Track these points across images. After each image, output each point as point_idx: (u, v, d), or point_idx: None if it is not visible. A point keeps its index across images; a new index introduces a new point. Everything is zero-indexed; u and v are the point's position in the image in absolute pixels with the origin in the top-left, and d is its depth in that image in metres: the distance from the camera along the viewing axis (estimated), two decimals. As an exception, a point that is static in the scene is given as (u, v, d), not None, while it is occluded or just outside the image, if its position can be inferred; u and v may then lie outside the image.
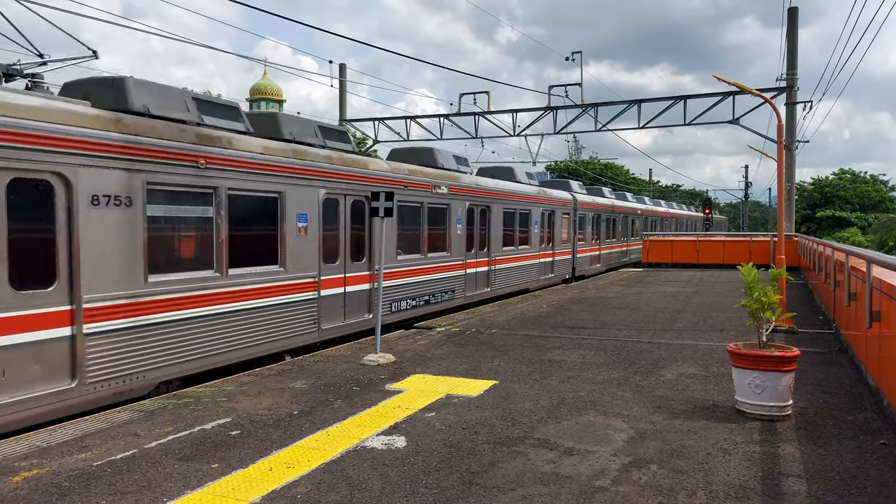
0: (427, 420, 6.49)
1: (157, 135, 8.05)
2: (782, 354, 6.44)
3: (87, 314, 7.12)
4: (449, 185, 15.28)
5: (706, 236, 31.08)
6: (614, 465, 5.25)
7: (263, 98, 65.58)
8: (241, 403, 7.13)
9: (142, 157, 7.80)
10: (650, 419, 6.50)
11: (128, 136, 7.67)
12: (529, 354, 9.78)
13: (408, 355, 9.76)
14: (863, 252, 8.34)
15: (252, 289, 9.41)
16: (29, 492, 4.76)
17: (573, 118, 28.67)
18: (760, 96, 15.25)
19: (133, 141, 7.71)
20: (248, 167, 9.34)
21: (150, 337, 7.85)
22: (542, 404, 7.05)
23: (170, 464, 5.30)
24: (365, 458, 5.45)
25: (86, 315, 7.10)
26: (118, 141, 7.54)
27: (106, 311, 7.36)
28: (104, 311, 7.33)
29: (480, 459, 5.40)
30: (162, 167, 8.05)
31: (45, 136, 6.73)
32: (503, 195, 18.22)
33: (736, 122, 25.51)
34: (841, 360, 9.32)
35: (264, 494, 4.71)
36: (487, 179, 18.09)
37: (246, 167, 9.29)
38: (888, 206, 71.53)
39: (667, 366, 8.97)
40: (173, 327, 8.18)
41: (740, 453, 5.53)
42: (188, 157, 8.39)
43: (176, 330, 8.21)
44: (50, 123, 6.81)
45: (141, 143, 7.80)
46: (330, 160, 11.17)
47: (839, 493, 4.70)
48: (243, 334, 9.25)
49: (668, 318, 13.57)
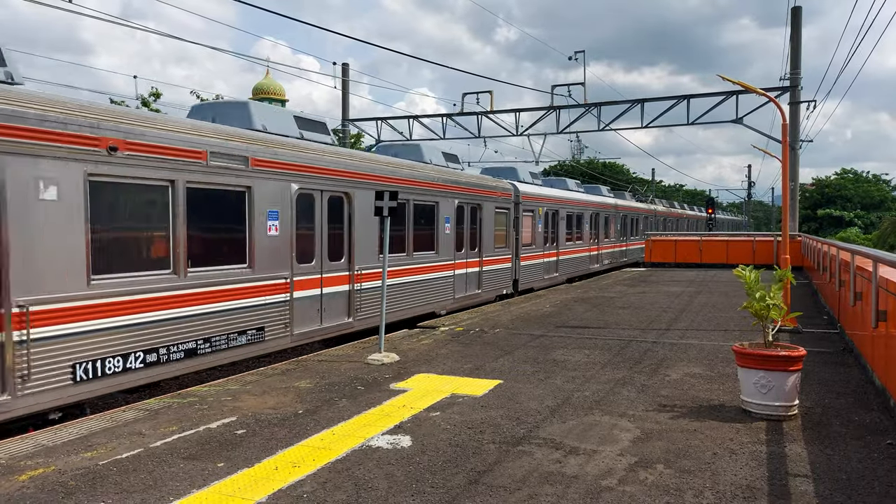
0: (432, 419, 6.48)
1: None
2: (788, 354, 6.42)
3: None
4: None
5: (709, 236, 31.03)
6: (620, 465, 5.24)
7: (266, 97, 65.50)
8: (246, 402, 7.12)
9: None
10: (656, 419, 6.49)
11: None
12: (534, 354, 9.76)
13: (412, 355, 9.75)
14: (869, 251, 8.32)
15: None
16: (35, 490, 4.76)
17: (576, 118, 28.65)
18: (765, 95, 15.22)
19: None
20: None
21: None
22: (548, 404, 7.04)
23: (175, 463, 5.30)
24: (370, 457, 5.44)
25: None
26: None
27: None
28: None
29: (486, 459, 5.39)
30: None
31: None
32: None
33: (739, 122, 25.47)
34: (847, 359, 9.29)
35: (270, 494, 4.71)
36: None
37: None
38: (890, 205, 71.41)
39: (672, 365, 8.95)
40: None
41: (747, 453, 5.51)
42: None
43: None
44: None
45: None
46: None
47: (847, 494, 4.68)
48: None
49: (672, 318, 13.54)
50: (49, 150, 6.69)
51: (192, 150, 8.37)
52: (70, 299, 6.94)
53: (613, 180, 64.62)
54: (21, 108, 6.45)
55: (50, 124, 6.70)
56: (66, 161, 6.87)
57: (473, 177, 17.39)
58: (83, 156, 7.03)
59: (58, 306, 6.81)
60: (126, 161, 7.49)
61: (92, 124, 7.13)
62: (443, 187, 14.83)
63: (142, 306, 7.74)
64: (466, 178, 16.54)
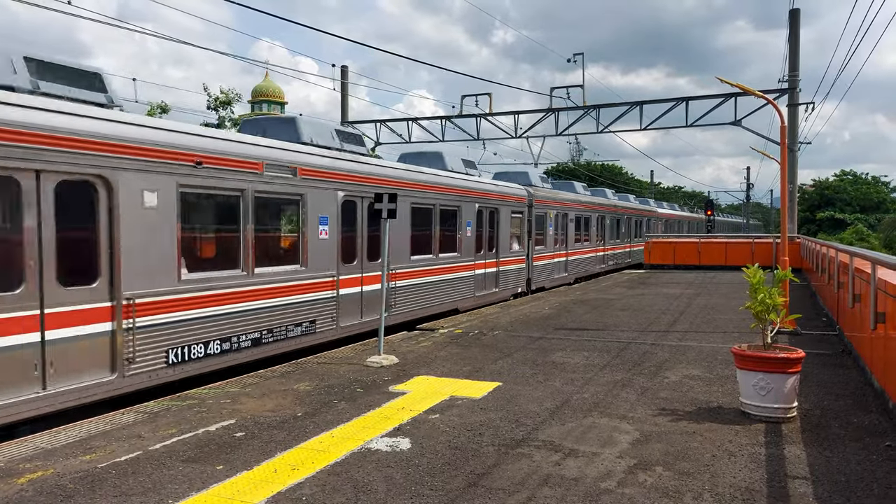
0: (431, 422, 6.48)
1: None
2: (787, 356, 6.43)
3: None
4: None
5: (709, 238, 31.06)
6: (619, 467, 5.24)
7: (265, 100, 65.55)
8: (246, 405, 7.12)
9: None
10: (655, 421, 6.49)
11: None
12: (533, 356, 9.76)
13: (411, 357, 9.75)
14: (868, 253, 8.32)
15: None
16: (34, 493, 4.75)
17: (575, 120, 28.68)
18: (764, 98, 15.24)
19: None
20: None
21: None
22: (547, 406, 7.04)
23: (174, 466, 5.30)
24: (370, 460, 5.44)
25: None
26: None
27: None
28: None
29: (485, 461, 5.39)
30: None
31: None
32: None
33: (738, 124, 25.51)
34: (845, 361, 9.30)
35: (269, 496, 4.71)
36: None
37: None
38: (889, 207, 71.46)
39: (671, 367, 8.95)
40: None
41: (746, 455, 5.52)
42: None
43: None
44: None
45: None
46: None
47: (845, 496, 4.69)
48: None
49: (671, 320, 13.55)
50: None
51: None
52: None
53: (612, 182, 64.68)
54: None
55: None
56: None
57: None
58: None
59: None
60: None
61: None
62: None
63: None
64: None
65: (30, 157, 6.52)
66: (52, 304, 6.77)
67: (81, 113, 7.20)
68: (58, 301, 6.82)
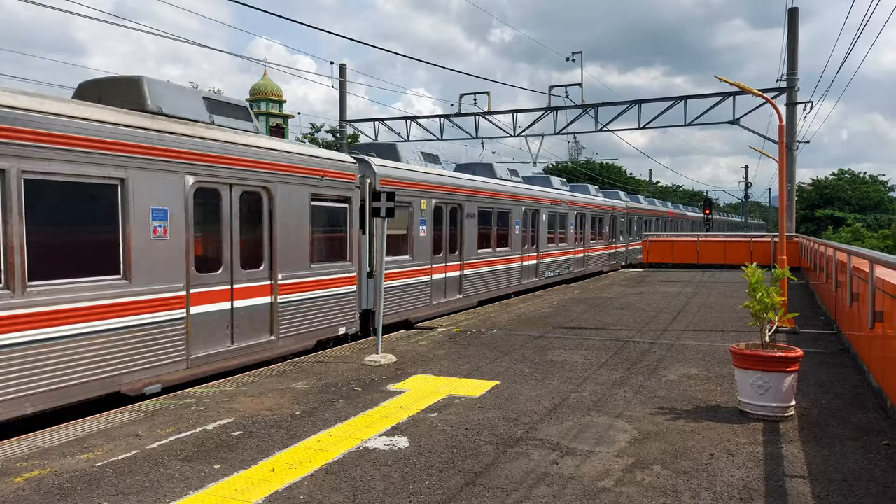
0: (429, 421, 6.47)
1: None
2: (785, 355, 6.43)
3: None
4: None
5: (707, 237, 31.07)
6: (617, 466, 5.24)
7: (264, 98, 65.41)
8: (243, 404, 7.11)
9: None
10: (653, 420, 6.49)
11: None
12: (531, 355, 9.76)
13: (409, 356, 9.75)
14: (866, 252, 8.33)
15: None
16: (31, 493, 4.74)
17: (573, 118, 28.67)
18: (762, 96, 15.24)
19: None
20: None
21: None
22: (545, 405, 7.03)
23: (172, 465, 5.29)
24: (367, 458, 5.43)
25: None
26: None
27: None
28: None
29: (483, 460, 5.38)
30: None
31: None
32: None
33: (736, 123, 25.52)
34: (843, 360, 9.30)
35: (267, 495, 4.70)
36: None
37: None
38: (888, 206, 71.56)
39: (669, 366, 8.95)
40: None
41: (744, 454, 5.52)
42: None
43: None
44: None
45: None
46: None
47: (843, 495, 4.69)
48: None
49: (669, 319, 13.55)
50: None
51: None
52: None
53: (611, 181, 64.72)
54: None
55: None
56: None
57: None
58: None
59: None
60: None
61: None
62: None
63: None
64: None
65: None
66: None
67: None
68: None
